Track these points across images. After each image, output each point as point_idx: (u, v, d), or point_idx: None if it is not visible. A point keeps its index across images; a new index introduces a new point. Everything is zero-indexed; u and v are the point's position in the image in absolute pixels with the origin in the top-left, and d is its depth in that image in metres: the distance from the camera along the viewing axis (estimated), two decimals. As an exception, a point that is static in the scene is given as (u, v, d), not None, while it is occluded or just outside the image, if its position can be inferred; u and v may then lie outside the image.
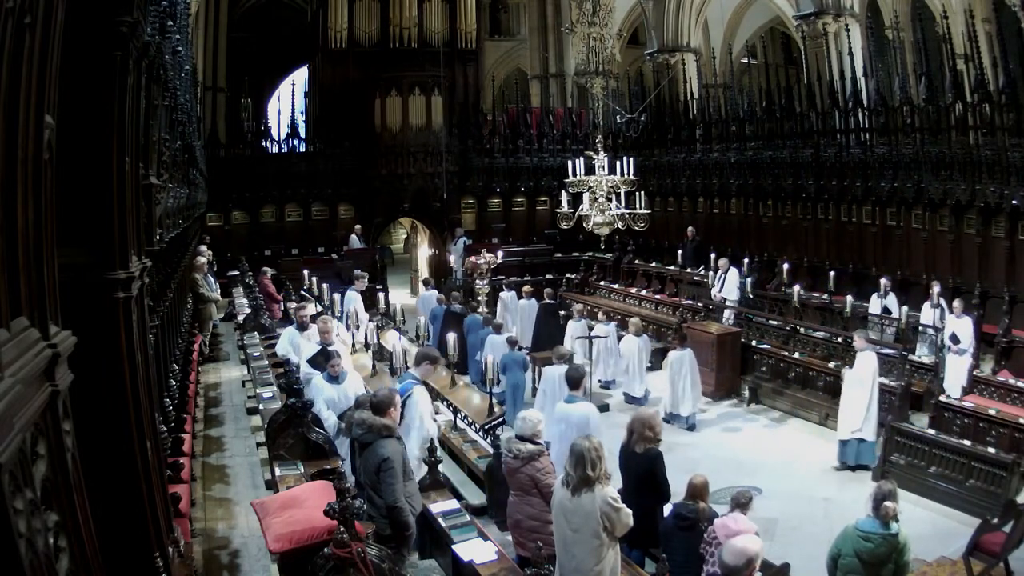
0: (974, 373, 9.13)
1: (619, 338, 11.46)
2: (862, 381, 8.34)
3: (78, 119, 2.80)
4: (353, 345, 9.83)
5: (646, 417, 5.69)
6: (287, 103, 19.37)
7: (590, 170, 10.63)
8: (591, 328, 10.93)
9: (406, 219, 21.33)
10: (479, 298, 13.14)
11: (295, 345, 8.14)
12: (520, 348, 10.48)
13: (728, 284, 12.77)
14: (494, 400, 7.82)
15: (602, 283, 16.29)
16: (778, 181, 14.40)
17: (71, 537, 1.86)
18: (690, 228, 15.96)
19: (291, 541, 4.10)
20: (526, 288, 14.11)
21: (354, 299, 11.45)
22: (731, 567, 3.70)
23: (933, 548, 6.05)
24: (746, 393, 10.65)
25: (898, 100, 12.21)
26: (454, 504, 5.48)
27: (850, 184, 12.94)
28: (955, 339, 9.47)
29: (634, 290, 15.58)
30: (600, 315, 13.02)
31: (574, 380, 7.05)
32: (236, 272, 15.60)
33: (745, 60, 22.94)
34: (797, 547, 6.11)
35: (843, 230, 13.33)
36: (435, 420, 6.34)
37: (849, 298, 11.10)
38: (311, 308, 10.19)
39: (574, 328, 11.52)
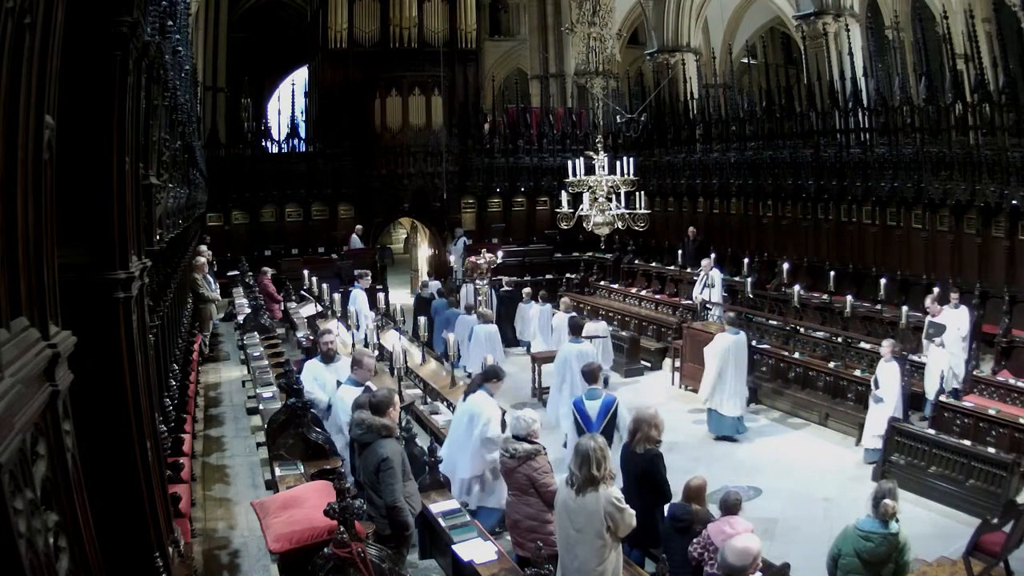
0: (974, 373, 9.13)
1: (552, 314, 12.63)
2: (710, 358, 9.57)
3: (78, 119, 2.80)
4: (353, 345, 9.83)
5: (649, 416, 5.68)
6: (287, 103, 19.38)
7: (590, 170, 10.62)
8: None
9: (406, 219, 21.34)
10: (479, 298, 13.15)
11: (322, 382, 6.66)
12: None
13: (707, 286, 12.65)
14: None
15: (602, 283, 16.28)
16: (778, 181, 14.39)
17: (71, 537, 1.86)
18: (691, 228, 15.95)
19: (291, 541, 4.10)
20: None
21: (358, 298, 11.45)
22: (736, 567, 3.72)
23: (933, 548, 6.05)
24: (746, 393, 10.63)
25: (898, 100, 12.19)
26: (454, 504, 5.48)
27: (850, 184, 12.93)
28: (876, 384, 8.45)
29: (634, 290, 15.58)
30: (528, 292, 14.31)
31: (578, 326, 9.54)
32: (236, 272, 15.61)
33: (745, 60, 22.93)
34: (797, 547, 6.11)
35: (843, 230, 13.32)
36: None
37: (849, 298, 11.09)
38: (340, 336, 8.47)
39: (522, 309, 13.48)
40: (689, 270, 14.80)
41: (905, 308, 10.38)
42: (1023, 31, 11.04)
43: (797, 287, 12.00)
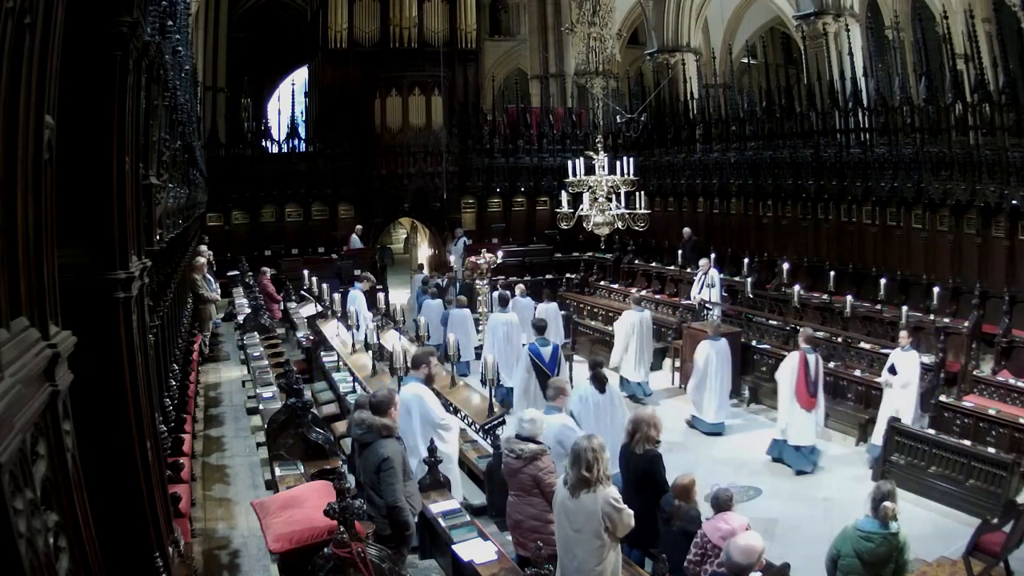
0: (974, 373, 9.13)
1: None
2: (618, 331, 11.19)
3: (78, 119, 2.80)
4: (353, 345, 9.83)
5: (648, 416, 5.68)
6: (287, 103, 19.39)
7: (590, 170, 10.62)
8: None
9: (406, 219, 21.35)
10: (479, 297, 13.18)
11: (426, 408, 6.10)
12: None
13: (707, 286, 12.68)
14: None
15: (602, 283, 16.28)
16: (778, 181, 14.39)
17: (71, 537, 1.86)
18: (686, 229, 15.86)
19: (291, 541, 4.10)
20: (449, 274, 16.50)
21: (357, 298, 11.45)
22: (743, 566, 3.76)
23: (933, 548, 6.06)
24: (746, 393, 10.65)
25: (898, 100, 12.18)
26: (454, 504, 5.48)
27: (850, 184, 12.92)
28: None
29: (634, 290, 15.56)
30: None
31: (504, 299, 11.14)
32: (236, 272, 15.61)
33: (745, 60, 22.95)
34: (797, 547, 6.10)
35: (843, 230, 13.31)
36: None
37: (849, 298, 11.09)
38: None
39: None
40: (689, 270, 14.81)
41: (905, 308, 10.38)
42: (1023, 31, 11.03)
43: (797, 287, 12.00)
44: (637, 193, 10.66)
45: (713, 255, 13.86)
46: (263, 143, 18.92)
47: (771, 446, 8.68)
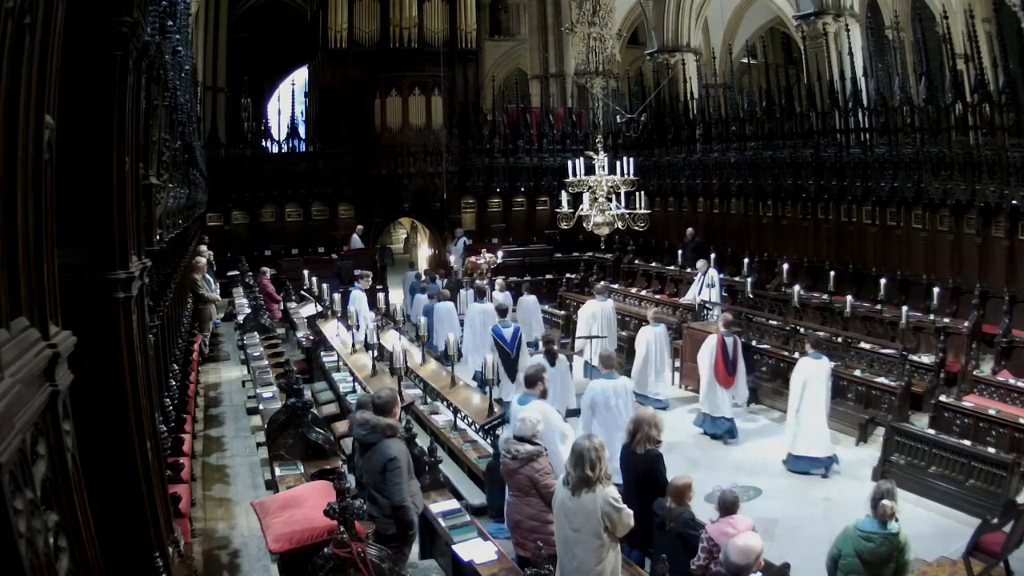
0: (974, 373, 9.13)
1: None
2: (581, 320, 11.43)
3: (78, 119, 2.80)
4: (353, 345, 9.84)
5: (649, 416, 5.68)
6: (287, 103, 19.39)
7: (590, 170, 10.61)
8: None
9: (406, 219, 21.35)
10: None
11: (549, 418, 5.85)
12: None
13: (707, 286, 12.71)
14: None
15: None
16: (778, 181, 14.39)
17: (71, 537, 1.86)
18: (689, 229, 15.96)
19: (291, 541, 4.10)
20: (441, 271, 17.18)
21: (358, 298, 11.45)
22: (741, 566, 3.77)
23: (933, 548, 6.06)
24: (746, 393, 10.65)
25: (898, 100, 12.18)
26: (454, 504, 5.48)
27: (850, 184, 12.93)
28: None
29: (634, 290, 15.58)
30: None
31: (481, 291, 12.09)
32: (236, 272, 15.61)
33: (745, 60, 22.94)
34: (797, 547, 6.10)
35: (843, 230, 13.31)
36: None
37: (849, 298, 11.09)
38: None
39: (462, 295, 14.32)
40: (689, 270, 14.81)
41: (905, 308, 10.37)
42: (1023, 31, 11.03)
43: (797, 287, 11.99)
44: (637, 193, 10.66)
45: (713, 255, 13.87)
46: (263, 143, 18.92)
47: (696, 417, 9.56)
